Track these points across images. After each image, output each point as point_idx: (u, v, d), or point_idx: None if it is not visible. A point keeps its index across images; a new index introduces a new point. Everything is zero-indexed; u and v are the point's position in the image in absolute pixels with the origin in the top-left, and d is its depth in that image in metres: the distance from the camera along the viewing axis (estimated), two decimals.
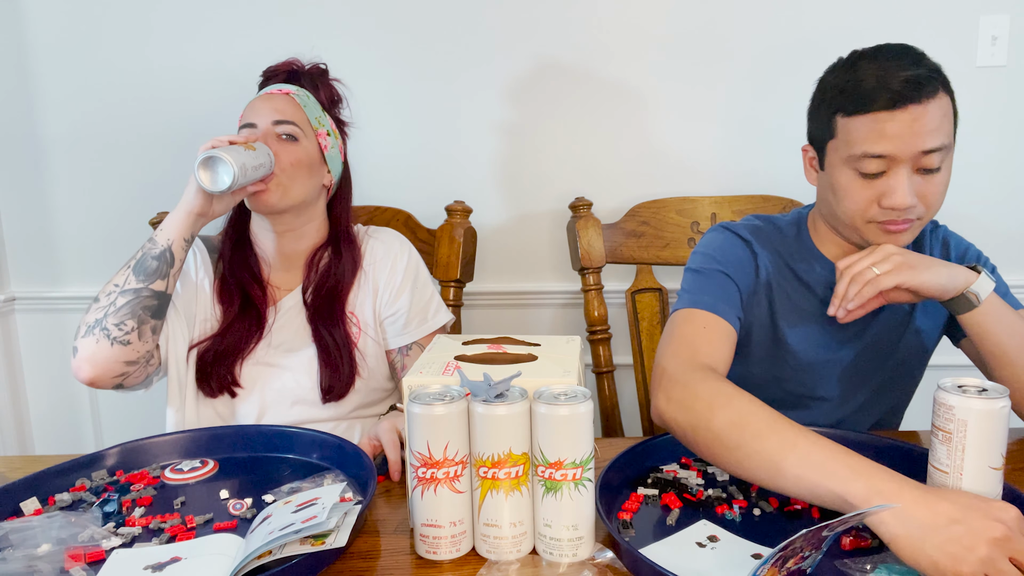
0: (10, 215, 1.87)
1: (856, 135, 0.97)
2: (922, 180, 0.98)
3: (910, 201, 0.97)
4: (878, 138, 0.96)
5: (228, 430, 1.09)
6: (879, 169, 0.98)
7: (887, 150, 0.96)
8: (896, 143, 0.95)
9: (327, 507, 0.77)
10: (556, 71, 1.74)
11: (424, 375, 0.83)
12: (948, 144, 0.98)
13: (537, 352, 0.90)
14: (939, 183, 1.00)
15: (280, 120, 1.23)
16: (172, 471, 1.01)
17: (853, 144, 0.98)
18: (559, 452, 0.75)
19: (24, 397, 1.94)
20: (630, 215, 1.62)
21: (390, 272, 1.31)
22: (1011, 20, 1.68)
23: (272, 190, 1.21)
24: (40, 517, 0.87)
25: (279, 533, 0.73)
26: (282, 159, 1.21)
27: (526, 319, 1.86)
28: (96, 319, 1.12)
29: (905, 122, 0.94)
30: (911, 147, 0.95)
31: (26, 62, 1.78)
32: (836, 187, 1.03)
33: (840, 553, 0.77)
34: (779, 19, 1.70)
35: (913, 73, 0.94)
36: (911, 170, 0.97)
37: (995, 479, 0.76)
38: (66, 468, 0.98)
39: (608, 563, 0.76)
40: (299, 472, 1.00)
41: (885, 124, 0.95)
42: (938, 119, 0.96)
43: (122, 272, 1.15)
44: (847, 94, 0.98)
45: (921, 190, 0.98)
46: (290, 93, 1.27)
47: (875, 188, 0.99)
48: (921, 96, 0.94)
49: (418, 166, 1.79)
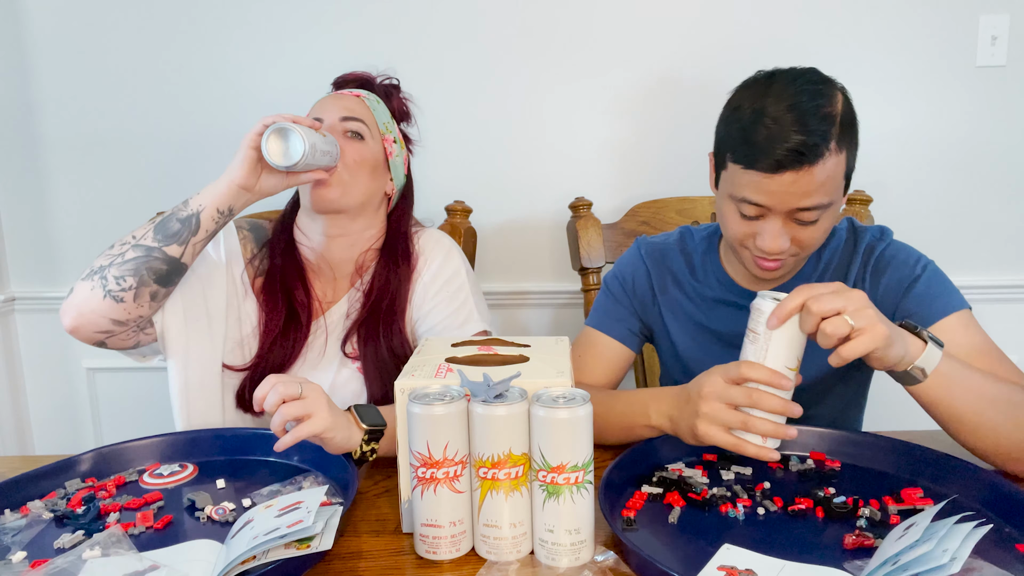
0: (10, 215, 1.87)
1: (739, 180, 1.01)
2: (797, 227, 1.01)
3: (779, 247, 1.01)
4: (756, 191, 0.99)
5: (206, 433, 1.07)
6: (756, 214, 1.01)
7: (764, 202, 0.99)
8: (772, 199, 0.99)
9: (312, 511, 0.76)
10: (556, 71, 1.74)
11: (416, 377, 0.83)
12: (827, 203, 0.99)
13: (528, 353, 0.90)
14: (815, 230, 1.02)
15: (348, 116, 1.20)
16: (151, 475, 0.99)
17: (735, 187, 1.02)
18: (560, 456, 0.75)
19: (24, 397, 1.94)
20: (630, 215, 1.62)
21: (427, 282, 1.24)
22: (1011, 20, 1.68)
23: (333, 185, 1.15)
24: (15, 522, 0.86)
25: (264, 538, 0.73)
26: (347, 155, 1.17)
27: (526, 319, 1.86)
28: (101, 265, 1.06)
29: (783, 184, 0.97)
30: (786, 204, 0.99)
31: (26, 62, 1.78)
32: (720, 213, 1.09)
33: (841, 553, 0.77)
34: (779, 19, 1.70)
35: (800, 140, 0.94)
36: (787, 221, 1.01)
37: (791, 384, 0.86)
38: (42, 473, 0.96)
39: (610, 565, 0.76)
40: (279, 474, 0.99)
41: (763, 182, 0.98)
42: (819, 182, 0.97)
43: (145, 226, 1.08)
44: (739, 144, 1.00)
45: (796, 235, 1.02)
46: (360, 96, 1.25)
47: (751, 227, 1.03)
48: (802, 164, 0.95)
49: (418, 166, 1.78)
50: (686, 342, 1.21)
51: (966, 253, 1.79)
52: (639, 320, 1.24)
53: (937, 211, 1.78)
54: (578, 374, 1.20)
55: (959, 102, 1.73)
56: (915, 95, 1.73)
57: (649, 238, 1.28)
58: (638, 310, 1.24)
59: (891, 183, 1.77)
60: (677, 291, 1.21)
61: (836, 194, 1.01)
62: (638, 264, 1.24)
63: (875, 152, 1.75)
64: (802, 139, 0.94)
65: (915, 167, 1.76)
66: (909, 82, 1.72)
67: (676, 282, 1.22)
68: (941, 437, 0.99)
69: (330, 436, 0.91)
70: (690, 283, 1.21)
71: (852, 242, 1.14)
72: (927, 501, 0.86)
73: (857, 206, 1.57)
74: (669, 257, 1.23)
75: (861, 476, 0.95)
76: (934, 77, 1.72)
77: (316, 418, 0.89)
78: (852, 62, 1.71)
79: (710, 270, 1.20)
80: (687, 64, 1.73)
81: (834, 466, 0.97)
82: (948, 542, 0.69)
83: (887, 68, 1.72)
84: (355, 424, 0.95)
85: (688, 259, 1.22)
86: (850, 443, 1.00)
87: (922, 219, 1.77)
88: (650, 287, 1.23)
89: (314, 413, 0.89)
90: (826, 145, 0.95)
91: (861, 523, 0.82)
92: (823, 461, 0.98)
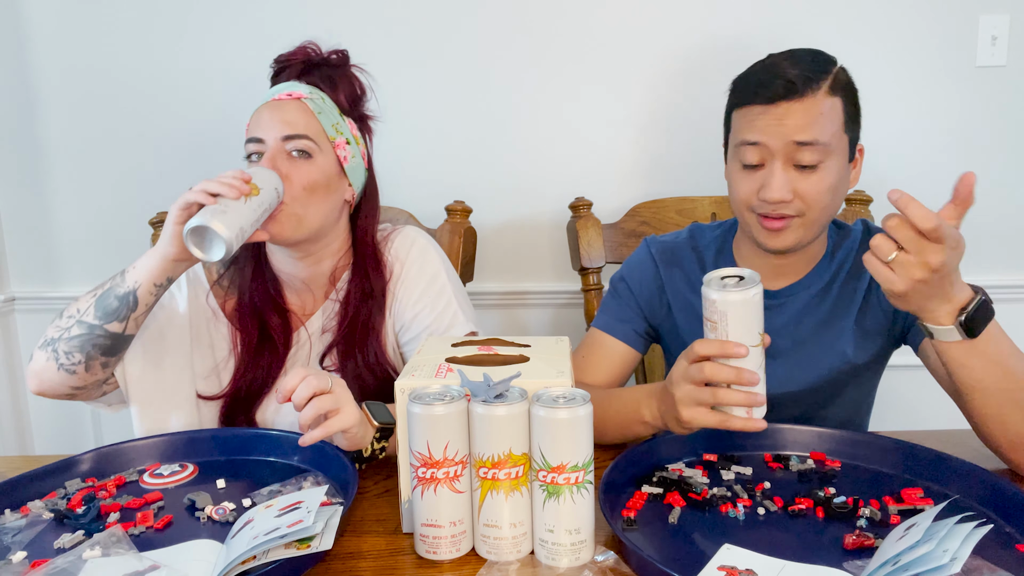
0: (10, 215, 1.87)
1: (739, 125, 1.06)
2: (799, 176, 1.03)
3: (781, 195, 1.02)
4: (752, 129, 1.03)
5: (205, 433, 1.07)
6: (757, 160, 1.04)
7: (759, 139, 1.03)
8: (769, 133, 1.02)
9: (312, 510, 0.76)
10: (557, 71, 1.74)
11: (416, 377, 0.83)
12: (824, 142, 1.01)
13: (528, 353, 0.90)
14: (818, 182, 1.03)
15: (291, 135, 1.09)
16: (151, 475, 0.99)
17: (736, 134, 1.07)
18: (560, 456, 0.75)
19: (24, 397, 1.94)
20: (630, 215, 1.62)
21: (407, 289, 1.19)
22: (1011, 20, 1.68)
23: (284, 221, 1.07)
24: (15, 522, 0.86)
25: (264, 538, 0.73)
26: (294, 182, 1.07)
27: (526, 319, 1.86)
28: (52, 338, 1.05)
29: (778, 116, 1.01)
30: (782, 138, 1.01)
31: (26, 62, 1.78)
32: (729, 178, 1.11)
33: (842, 553, 0.77)
34: (779, 19, 1.70)
35: (793, 73, 1.01)
36: (787, 165, 1.03)
37: (757, 354, 0.86)
38: (42, 473, 0.96)
39: (610, 565, 0.76)
40: (279, 474, 0.99)
41: (758, 117, 1.03)
42: (812, 116, 1.00)
43: (87, 298, 1.05)
44: (737, 90, 1.09)
45: (798, 187, 1.03)
46: (302, 98, 1.12)
47: (755, 180, 1.05)
48: (794, 94, 1.00)
49: (418, 166, 1.79)
50: None
51: (966, 253, 1.78)
52: (645, 321, 1.24)
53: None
54: (582, 375, 1.20)
55: (959, 102, 1.73)
56: (915, 95, 1.73)
57: (659, 237, 1.27)
58: (644, 311, 1.23)
59: (891, 183, 1.76)
60: (688, 290, 1.21)
61: (835, 141, 1.03)
62: (647, 264, 1.24)
63: (875, 152, 1.75)
64: (795, 72, 1.01)
65: (915, 167, 1.76)
66: (909, 82, 1.72)
67: (687, 281, 1.21)
68: (941, 437, 0.99)
69: (354, 432, 0.91)
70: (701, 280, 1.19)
71: (866, 244, 1.14)
72: (927, 501, 0.86)
73: (857, 206, 1.57)
74: (680, 255, 1.23)
75: (861, 476, 0.95)
76: (934, 77, 1.72)
77: (344, 413, 0.89)
78: (852, 62, 1.69)
79: (724, 265, 1.19)
80: (687, 64, 1.73)
81: (834, 466, 0.97)
82: (948, 542, 0.69)
83: (887, 68, 1.72)
84: (368, 421, 0.96)
85: (699, 256, 1.22)
86: (850, 443, 1.00)
87: None
88: (659, 287, 1.23)
89: (343, 408, 0.89)
90: (818, 81, 1.01)
91: (861, 523, 0.82)
92: (823, 461, 0.98)
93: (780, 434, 1.02)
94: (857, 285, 1.14)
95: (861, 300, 1.13)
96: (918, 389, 1.25)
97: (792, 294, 1.15)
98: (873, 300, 1.13)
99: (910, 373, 1.72)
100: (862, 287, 1.13)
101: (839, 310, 1.14)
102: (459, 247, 1.54)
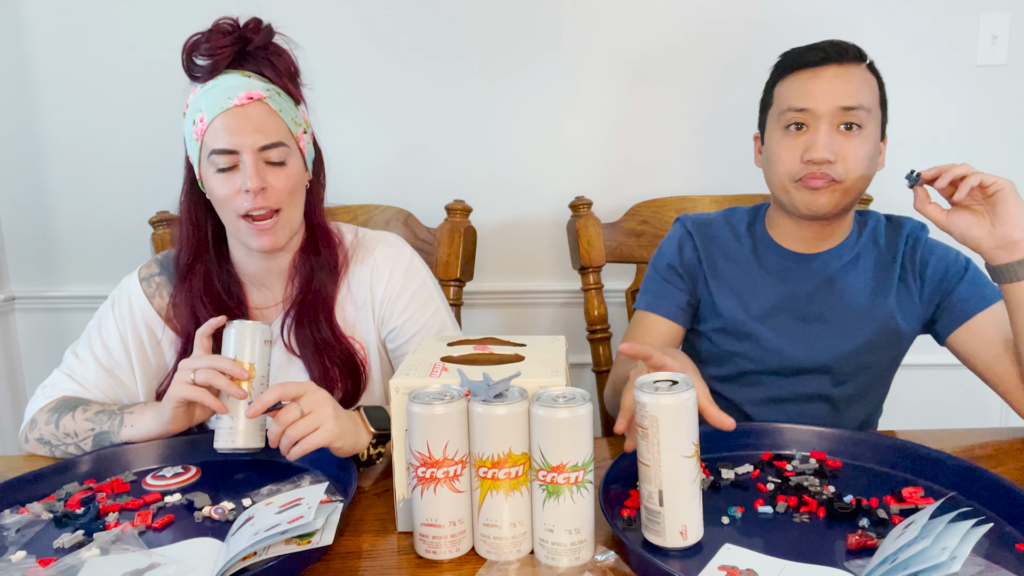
0: (10, 215, 1.87)
1: (786, 95, 1.13)
2: (842, 139, 1.09)
3: (826, 154, 1.07)
4: (801, 94, 1.10)
5: (204, 436, 1.06)
6: (803, 120, 1.10)
7: (808, 104, 1.09)
8: (817, 99, 1.08)
9: (312, 507, 0.76)
10: (557, 70, 1.74)
11: (411, 377, 0.83)
12: (869, 107, 1.10)
13: (523, 352, 0.90)
14: (860, 144, 1.09)
15: (267, 145, 1.05)
16: (154, 477, 0.99)
17: (782, 103, 1.13)
18: (560, 455, 0.75)
19: (24, 397, 1.94)
20: (630, 215, 1.62)
21: (393, 295, 1.18)
22: (1011, 19, 1.68)
23: (276, 233, 1.08)
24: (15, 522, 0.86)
25: (265, 534, 0.73)
26: (279, 190, 1.06)
27: (526, 318, 1.86)
28: (50, 442, 1.08)
29: (826, 78, 1.09)
30: (830, 103, 1.08)
31: (26, 62, 1.78)
32: (770, 151, 1.15)
33: (843, 553, 0.77)
34: (781, 21, 1.70)
35: (838, 41, 1.10)
36: (831, 127, 1.09)
37: (690, 466, 0.76)
38: (41, 474, 0.96)
39: (610, 565, 0.76)
40: (278, 474, 0.99)
41: (807, 81, 1.10)
42: (858, 83, 1.09)
43: (84, 426, 1.06)
44: (782, 65, 1.16)
45: (841, 149, 1.09)
46: (264, 99, 1.06)
47: (799, 144, 1.10)
48: (843, 59, 1.09)
49: (418, 165, 1.79)
50: (731, 306, 1.22)
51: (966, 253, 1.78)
52: (688, 294, 1.26)
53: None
54: None
55: (959, 102, 1.73)
56: (915, 95, 1.73)
57: (691, 215, 1.31)
58: (688, 284, 1.26)
59: (891, 182, 1.76)
60: (723, 261, 1.24)
61: (874, 110, 1.11)
62: (685, 237, 1.27)
63: None
64: (841, 42, 1.10)
65: (915, 166, 1.75)
66: (909, 82, 1.72)
67: (723, 252, 1.25)
68: (942, 437, 0.99)
69: (338, 446, 0.92)
70: (734, 247, 1.24)
71: (893, 229, 1.22)
72: (929, 500, 0.86)
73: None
74: (714, 228, 1.27)
75: (862, 476, 0.95)
76: (934, 77, 1.72)
77: (322, 431, 0.90)
78: None
79: (756, 234, 1.24)
80: (688, 64, 1.73)
81: (835, 466, 0.97)
82: (946, 540, 0.69)
83: (887, 67, 1.71)
84: (363, 427, 0.95)
85: (734, 229, 1.26)
86: (851, 442, 1.00)
87: (922, 218, 1.76)
88: (697, 258, 1.26)
89: (320, 425, 0.90)
90: (860, 56, 1.11)
91: (864, 523, 0.82)
92: (823, 461, 0.98)
93: (781, 434, 1.02)
94: (892, 268, 1.19)
95: (897, 282, 1.19)
96: (923, 389, 1.25)
97: (822, 260, 1.20)
98: (906, 286, 1.19)
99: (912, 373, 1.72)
100: (895, 272, 1.19)
101: (880, 285, 1.19)
102: (459, 247, 1.54)
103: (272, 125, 1.06)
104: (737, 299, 1.22)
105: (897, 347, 1.21)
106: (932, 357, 1.21)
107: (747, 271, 1.22)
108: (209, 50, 1.06)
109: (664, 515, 0.76)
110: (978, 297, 1.14)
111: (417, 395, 0.78)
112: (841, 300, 1.18)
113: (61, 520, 0.87)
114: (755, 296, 1.21)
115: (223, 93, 1.05)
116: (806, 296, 1.19)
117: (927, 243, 1.20)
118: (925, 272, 1.18)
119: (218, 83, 1.06)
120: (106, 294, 1.24)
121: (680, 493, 0.76)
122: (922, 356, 1.30)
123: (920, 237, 1.21)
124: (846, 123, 1.08)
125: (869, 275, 1.19)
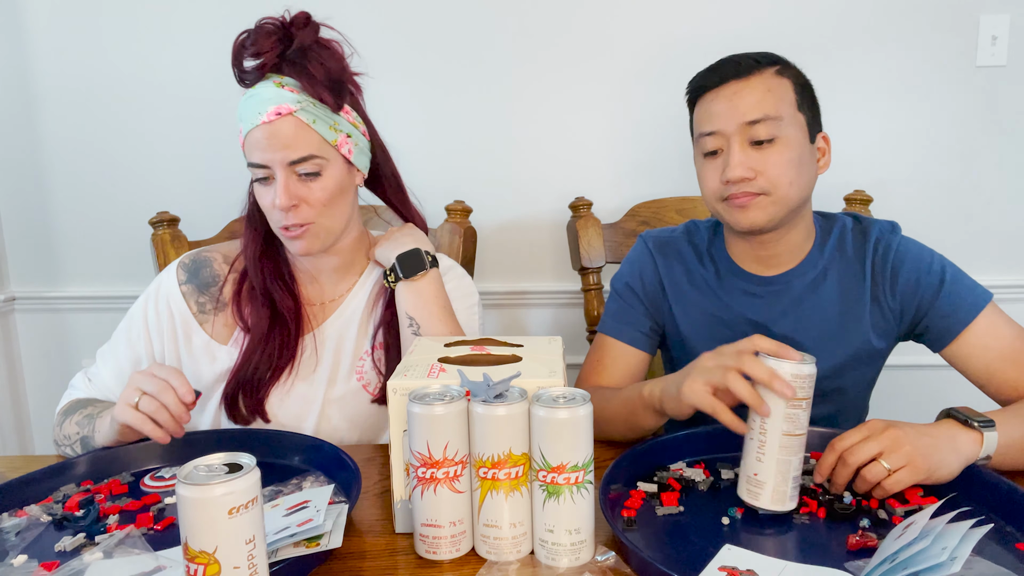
0: (10, 215, 1.87)
1: (697, 120, 1.11)
2: (758, 154, 1.05)
3: (740, 172, 1.04)
4: (708, 117, 1.08)
5: (201, 435, 1.06)
6: (716, 146, 1.08)
7: (715, 126, 1.07)
8: (723, 118, 1.06)
9: (321, 509, 0.76)
10: (556, 71, 1.74)
11: (408, 378, 0.83)
12: (775, 116, 1.04)
13: (520, 353, 0.90)
14: (778, 154, 1.05)
15: (296, 159, 1.05)
16: (152, 478, 0.99)
17: (696, 129, 1.11)
18: (560, 456, 0.75)
19: (24, 397, 1.94)
20: (630, 215, 1.62)
21: None
22: (1011, 20, 1.68)
23: (308, 240, 1.09)
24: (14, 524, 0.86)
25: (274, 537, 0.73)
26: (312, 202, 1.07)
27: (526, 319, 1.86)
28: (60, 447, 1.10)
29: (726, 96, 1.06)
30: (735, 119, 1.05)
31: (26, 62, 1.78)
32: (698, 177, 1.14)
33: (843, 553, 0.77)
34: (779, 19, 1.70)
35: (741, 57, 1.07)
36: (743, 145, 1.05)
37: None
38: (41, 475, 0.95)
39: (610, 565, 0.76)
40: (279, 474, 0.98)
41: (711, 103, 1.08)
42: (760, 94, 1.05)
43: (73, 429, 1.07)
44: (690, 86, 1.13)
45: (758, 164, 1.05)
46: (293, 112, 1.04)
47: (717, 166, 1.08)
48: (740, 73, 1.06)
49: (418, 166, 1.79)
50: (696, 332, 1.20)
51: (966, 253, 1.79)
52: (650, 319, 1.23)
53: (937, 211, 1.78)
54: (596, 379, 1.21)
55: (959, 102, 1.73)
56: (915, 95, 1.73)
57: (653, 232, 1.28)
58: (649, 309, 1.23)
59: (891, 183, 1.77)
60: (686, 281, 1.21)
61: (788, 116, 1.05)
62: (645, 260, 1.24)
63: (875, 152, 1.76)
64: (742, 57, 1.07)
65: (915, 167, 1.76)
66: (909, 82, 1.72)
67: (686, 271, 1.22)
68: None
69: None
70: (699, 272, 1.21)
71: (860, 234, 1.16)
72: (930, 500, 0.86)
73: (857, 206, 1.57)
74: (676, 247, 1.24)
75: None
76: (934, 77, 1.72)
77: None
78: (852, 61, 1.71)
79: (718, 257, 1.21)
80: (688, 64, 1.72)
81: None
82: (946, 540, 0.69)
83: (887, 68, 1.72)
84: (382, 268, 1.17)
85: (696, 249, 1.23)
86: None
87: (922, 219, 1.77)
88: (659, 281, 1.23)
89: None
90: (761, 64, 1.06)
91: (864, 523, 0.82)
92: None
93: None
94: (863, 284, 1.14)
95: (869, 301, 1.13)
96: (920, 389, 1.25)
97: (786, 281, 1.15)
98: (878, 304, 1.14)
99: (910, 373, 1.72)
100: (867, 288, 1.13)
101: (851, 305, 1.14)
102: (459, 247, 1.54)
103: (302, 139, 1.05)
104: (699, 320, 1.19)
105: (873, 365, 1.18)
106: (930, 357, 1.21)
107: (712, 300, 1.19)
108: (255, 52, 1.05)
109: None
110: (961, 311, 1.08)
111: (417, 396, 0.78)
112: (810, 323, 1.14)
113: (61, 523, 0.87)
114: (721, 327, 1.17)
115: (255, 107, 1.05)
116: (772, 321, 1.15)
117: (898, 249, 1.12)
118: (896, 283, 1.12)
119: (255, 94, 1.06)
120: (106, 294, 1.24)
121: None
122: (920, 356, 1.30)
123: (890, 242, 1.13)
124: (755, 139, 1.04)
125: (837, 294, 1.14)
